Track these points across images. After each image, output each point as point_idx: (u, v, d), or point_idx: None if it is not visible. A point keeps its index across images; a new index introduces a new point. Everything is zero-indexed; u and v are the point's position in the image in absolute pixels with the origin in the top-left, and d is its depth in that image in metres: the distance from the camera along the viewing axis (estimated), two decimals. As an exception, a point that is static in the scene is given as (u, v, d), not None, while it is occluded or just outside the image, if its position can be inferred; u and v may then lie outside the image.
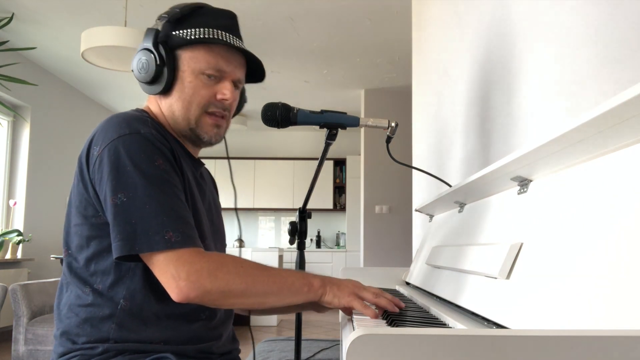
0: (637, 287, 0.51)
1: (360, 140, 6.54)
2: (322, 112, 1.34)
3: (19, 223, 5.06)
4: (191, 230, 0.96)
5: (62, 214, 5.73)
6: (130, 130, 0.99)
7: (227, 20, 1.13)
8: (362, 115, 5.87)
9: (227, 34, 1.11)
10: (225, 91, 1.10)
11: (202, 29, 1.09)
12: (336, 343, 2.42)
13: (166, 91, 1.10)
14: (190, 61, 1.09)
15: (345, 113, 1.35)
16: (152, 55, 1.08)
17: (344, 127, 1.35)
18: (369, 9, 4.01)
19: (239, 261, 0.98)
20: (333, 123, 1.34)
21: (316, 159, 7.41)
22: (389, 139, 1.42)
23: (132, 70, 1.12)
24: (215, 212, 1.22)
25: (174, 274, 0.92)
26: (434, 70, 2.52)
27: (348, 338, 0.47)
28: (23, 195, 5.10)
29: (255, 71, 1.20)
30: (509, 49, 1.44)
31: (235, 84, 1.14)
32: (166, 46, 1.08)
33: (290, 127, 1.32)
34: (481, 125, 1.69)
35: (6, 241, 4.70)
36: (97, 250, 1.02)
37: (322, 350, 2.26)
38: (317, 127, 1.35)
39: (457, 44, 2.06)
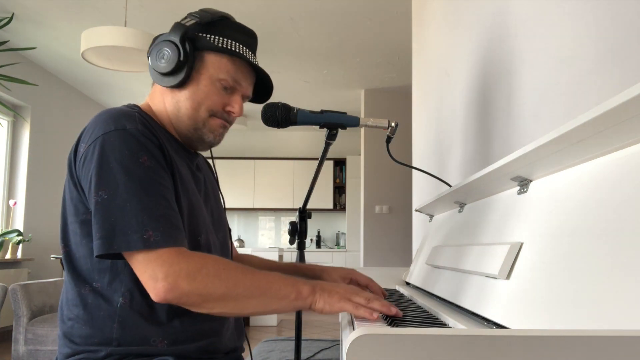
0: (637, 287, 0.51)
1: (360, 140, 6.54)
2: (322, 112, 1.35)
3: (19, 223, 5.06)
4: (173, 229, 0.94)
5: (62, 214, 5.72)
6: (115, 126, 0.97)
7: (250, 39, 1.16)
8: (362, 115, 5.88)
9: (249, 52, 1.15)
10: (236, 105, 1.13)
11: (229, 40, 1.11)
12: (336, 343, 2.42)
13: (179, 87, 1.10)
14: (211, 66, 1.10)
15: (345, 113, 1.36)
16: (177, 49, 1.07)
17: (344, 127, 1.35)
18: (369, 9, 4.01)
19: (221, 263, 0.95)
20: (333, 123, 1.35)
21: (316, 159, 7.41)
22: (389, 139, 1.42)
23: (148, 57, 1.11)
24: (214, 201, 1.21)
25: (151, 274, 0.90)
26: (434, 70, 2.52)
27: (348, 338, 0.47)
28: (23, 195, 5.10)
29: (260, 92, 1.23)
30: (509, 49, 1.44)
31: (244, 99, 1.17)
32: (192, 45, 1.09)
33: (290, 127, 1.33)
34: (481, 125, 1.69)
35: (6, 241, 4.70)
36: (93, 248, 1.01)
37: (322, 350, 2.26)
38: (317, 127, 1.35)
39: (457, 44, 2.06)
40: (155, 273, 0.90)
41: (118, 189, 0.93)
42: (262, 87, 1.23)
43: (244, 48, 1.13)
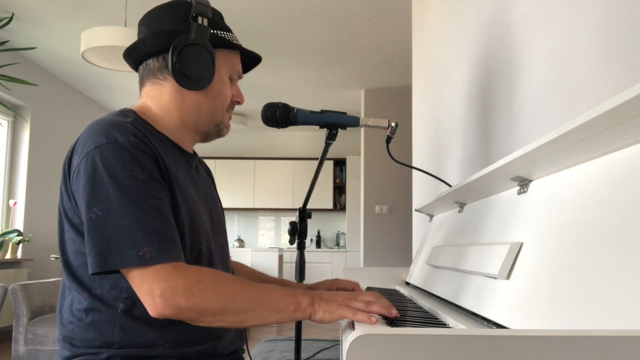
0: (637, 287, 0.51)
1: (360, 140, 6.54)
2: (322, 112, 1.34)
3: (19, 223, 5.06)
4: (169, 243, 0.93)
5: (62, 214, 5.73)
6: (107, 139, 0.96)
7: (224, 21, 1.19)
8: (362, 115, 5.87)
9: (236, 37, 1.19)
10: (242, 95, 1.20)
11: (231, 34, 1.16)
12: (336, 343, 2.42)
13: (204, 89, 1.11)
14: (225, 63, 1.14)
15: (345, 113, 1.35)
16: (209, 54, 1.09)
17: (344, 127, 1.35)
18: (369, 9, 4.01)
19: (218, 277, 0.94)
20: (333, 123, 1.34)
21: (316, 159, 7.41)
22: (389, 139, 1.42)
23: (175, 63, 1.07)
24: (213, 204, 1.21)
25: (148, 290, 0.90)
26: (434, 70, 2.52)
27: (348, 338, 0.47)
28: (23, 195, 5.10)
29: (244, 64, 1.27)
30: (509, 49, 1.44)
31: None
32: (212, 46, 1.10)
33: (290, 127, 1.32)
34: (481, 125, 1.69)
35: (6, 241, 4.70)
36: None
37: (322, 350, 2.26)
38: (317, 127, 1.35)
39: (457, 43, 2.06)
40: (152, 289, 0.89)
41: (111, 205, 0.92)
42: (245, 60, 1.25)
43: (235, 36, 1.18)
